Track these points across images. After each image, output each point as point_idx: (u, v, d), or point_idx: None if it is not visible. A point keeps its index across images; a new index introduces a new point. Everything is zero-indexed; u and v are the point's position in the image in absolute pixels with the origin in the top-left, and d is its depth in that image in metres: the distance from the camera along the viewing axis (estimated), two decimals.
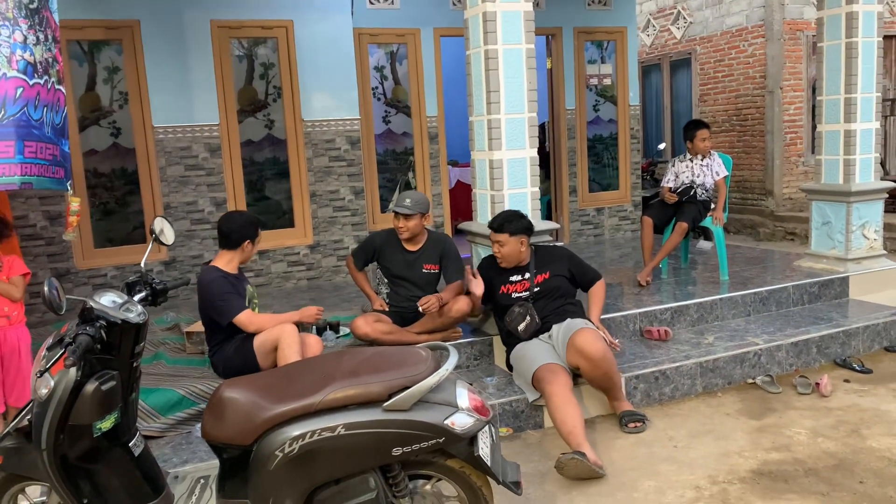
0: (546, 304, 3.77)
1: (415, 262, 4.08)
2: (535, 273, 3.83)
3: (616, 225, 7.61)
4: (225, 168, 5.77)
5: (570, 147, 7.31)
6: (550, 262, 3.87)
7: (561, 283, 3.83)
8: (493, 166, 4.26)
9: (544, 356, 3.51)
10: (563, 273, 3.86)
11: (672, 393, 4.00)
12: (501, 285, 3.87)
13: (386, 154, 6.61)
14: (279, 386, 2.41)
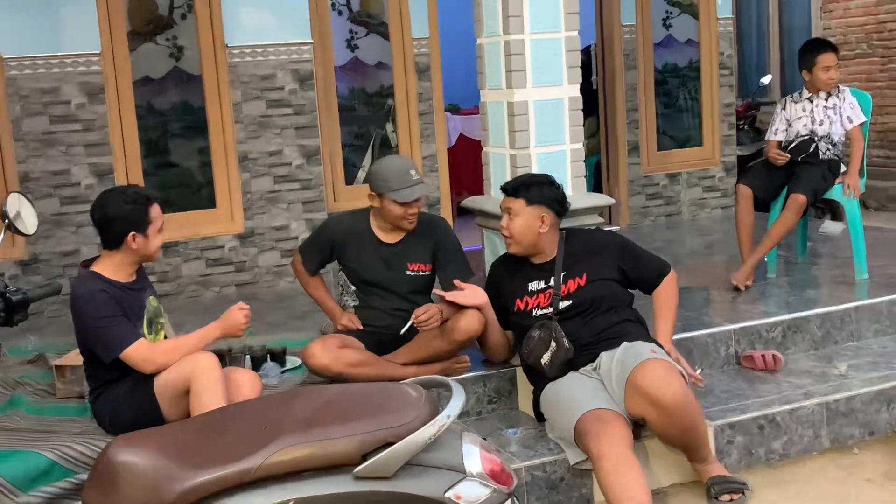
0: (584, 324, 3.76)
1: (395, 260, 4.11)
2: (565, 276, 3.82)
3: (699, 199, 7.63)
4: (110, 120, 5.77)
5: (629, 83, 7.33)
6: (588, 257, 3.85)
7: (605, 291, 3.80)
8: (513, 112, 4.28)
9: (590, 399, 3.53)
10: (609, 274, 3.84)
11: (785, 449, 4.03)
12: (516, 298, 3.89)
13: (353, 96, 6.62)
14: (199, 443, 2.43)
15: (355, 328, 4.12)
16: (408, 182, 3.95)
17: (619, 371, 3.53)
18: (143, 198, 3.51)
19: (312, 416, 2.44)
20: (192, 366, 3.38)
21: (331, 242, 4.13)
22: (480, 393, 4.17)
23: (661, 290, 3.93)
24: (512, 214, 3.82)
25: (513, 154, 4.30)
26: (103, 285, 3.47)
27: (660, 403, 3.35)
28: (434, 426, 2.40)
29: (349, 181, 6.54)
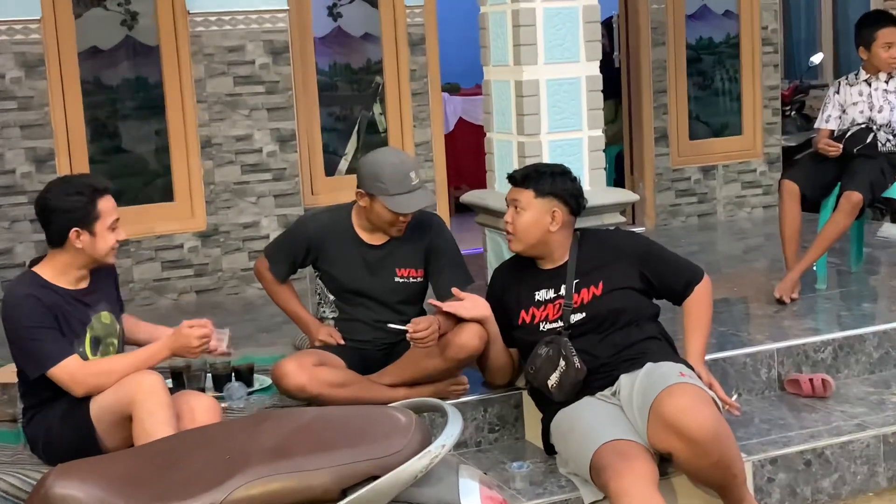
0: (600, 341, 3.75)
1: (381, 265, 4.11)
2: (578, 284, 3.81)
3: (737, 196, 7.64)
4: (51, 98, 5.77)
5: (657, 60, 7.34)
6: (606, 262, 3.84)
7: (625, 302, 3.79)
8: (521, 93, 4.29)
9: (609, 428, 3.52)
10: (630, 282, 3.82)
11: (836, 488, 4.03)
12: (521, 310, 3.89)
13: (335, 72, 6.61)
14: (151, 475, 2.43)
15: (334, 343, 4.11)
16: (406, 187, 3.93)
17: (641, 397, 3.53)
18: (89, 188, 3.49)
19: (283, 444, 2.43)
20: (132, 387, 3.35)
21: (305, 244, 4.11)
22: (480, 420, 4.16)
23: (692, 300, 3.90)
24: (518, 207, 3.81)
25: (521, 141, 4.31)
26: (38, 290, 3.45)
27: (688, 436, 3.35)
28: (426, 457, 2.39)
29: (329, 172, 6.54)
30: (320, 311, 4.26)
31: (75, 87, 5.83)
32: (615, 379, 3.70)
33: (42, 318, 3.41)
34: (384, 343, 4.14)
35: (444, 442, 2.41)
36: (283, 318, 4.49)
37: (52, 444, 3.54)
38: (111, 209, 3.52)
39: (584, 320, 3.77)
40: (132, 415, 3.32)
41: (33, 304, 3.41)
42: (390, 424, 2.48)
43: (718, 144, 7.59)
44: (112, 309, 3.67)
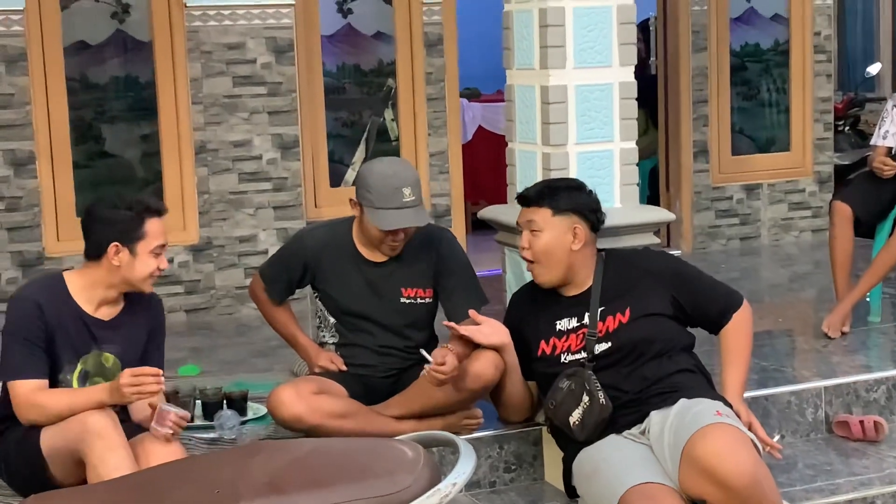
0: (627, 374, 3.73)
1: (385, 284, 4.11)
2: (603, 311, 3.80)
3: (783, 219, 7.63)
4: (33, 96, 5.80)
5: (698, 67, 7.34)
6: (633, 285, 3.82)
7: (655, 330, 3.78)
8: (547, 99, 4.29)
9: (638, 470, 3.49)
10: (661, 308, 3.81)
11: None
12: (541, 340, 3.88)
13: (343, 74, 6.62)
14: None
15: (336, 370, 4.12)
16: (395, 202, 3.90)
17: (673, 437, 3.51)
18: (141, 205, 3.54)
19: (277, 478, 2.43)
20: (78, 430, 3.32)
21: (302, 262, 4.12)
22: (495, 458, 4.14)
23: (730, 329, 3.86)
24: (535, 229, 3.81)
25: (546, 152, 4.31)
26: (48, 299, 3.49)
27: (724, 482, 3.32)
28: (434, 497, 2.39)
29: (335, 182, 6.56)
30: (320, 335, 4.27)
31: (60, 84, 5.86)
32: (644, 415, 3.67)
33: (33, 330, 3.44)
34: (390, 370, 4.14)
35: (456, 480, 2.41)
36: (280, 341, 4.49)
37: (9, 467, 3.57)
38: (158, 233, 3.54)
39: (609, 351, 3.75)
40: (83, 459, 3.30)
41: (32, 312, 3.45)
42: (396, 459, 2.48)
43: (764, 161, 7.58)
44: (124, 356, 3.60)
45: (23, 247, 5.77)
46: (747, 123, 7.59)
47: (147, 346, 3.68)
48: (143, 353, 3.66)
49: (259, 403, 4.34)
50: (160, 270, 3.54)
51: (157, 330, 3.73)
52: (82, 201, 5.92)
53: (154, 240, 3.53)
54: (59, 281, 3.57)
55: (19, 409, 3.43)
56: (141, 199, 3.61)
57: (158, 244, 3.53)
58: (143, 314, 3.67)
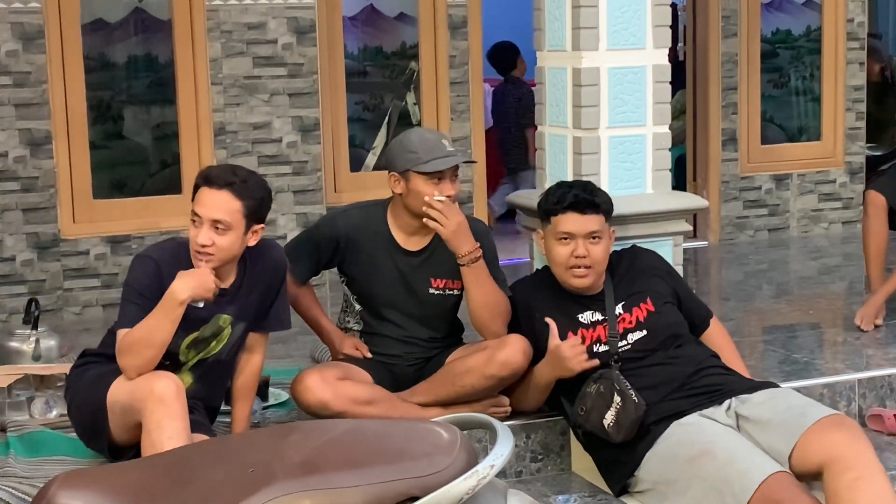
0: (669, 359, 3.84)
1: (416, 274, 4.13)
2: (625, 305, 3.92)
3: (813, 210, 7.63)
4: (50, 74, 5.81)
5: (728, 53, 7.34)
6: (640, 278, 4.02)
7: (680, 317, 3.99)
8: (579, 81, 4.30)
9: (763, 457, 3.53)
10: (671, 298, 4.02)
11: None
12: (567, 331, 3.91)
13: (365, 56, 6.64)
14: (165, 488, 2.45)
15: (361, 356, 4.14)
16: (440, 152, 3.95)
17: (783, 429, 3.58)
18: (202, 174, 3.64)
19: (313, 458, 2.45)
20: (143, 391, 3.39)
21: (334, 241, 4.11)
22: (522, 447, 4.16)
23: (719, 333, 4.16)
24: (597, 237, 3.90)
25: (577, 136, 4.32)
26: (168, 259, 3.59)
27: (845, 465, 3.41)
28: (472, 478, 2.39)
29: (355, 167, 6.57)
30: (344, 320, 4.28)
31: (77, 63, 5.87)
32: (711, 396, 3.76)
33: (146, 284, 3.55)
34: (415, 358, 4.16)
35: (494, 462, 2.42)
36: (300, 326, 4.47)
37: (74, 403, 3.70)
38: (197, 201, 3.57)
39: (646, 339, 3.86)
40: (141, 422, 3.37)
41: (150, 268, 3.58)
42: (432, 441, 2.49)
43: (794, 150, 7.58)
44: (241, 316, 3.70)
45: (38, 228, 5.78)
46: (777, 112, 7.59)
47: (264, 297, 3.78)
48: (261, 303, 3.76)
49: (280, 389, 4.37)
50: (198, 245, 3.53)
51: (273, 284, 3.80)
52: (98, 182, 5.98)
53: (193, 205, 3.58)
54: (181, 247, 3.66)
55: (120, 358, 3.51)
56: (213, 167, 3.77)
57: (193, 210, 3.57)
58: (256, 272, 3.73)
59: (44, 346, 4.84)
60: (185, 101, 6.06)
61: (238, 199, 3.55)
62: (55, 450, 3.90)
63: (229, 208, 3.53)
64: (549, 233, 3.96)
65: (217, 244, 3.53)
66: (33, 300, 4.98)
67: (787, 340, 5.16)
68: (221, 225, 3.53)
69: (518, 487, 4.00)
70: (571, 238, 3.89)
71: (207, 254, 3.53)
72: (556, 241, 3.92)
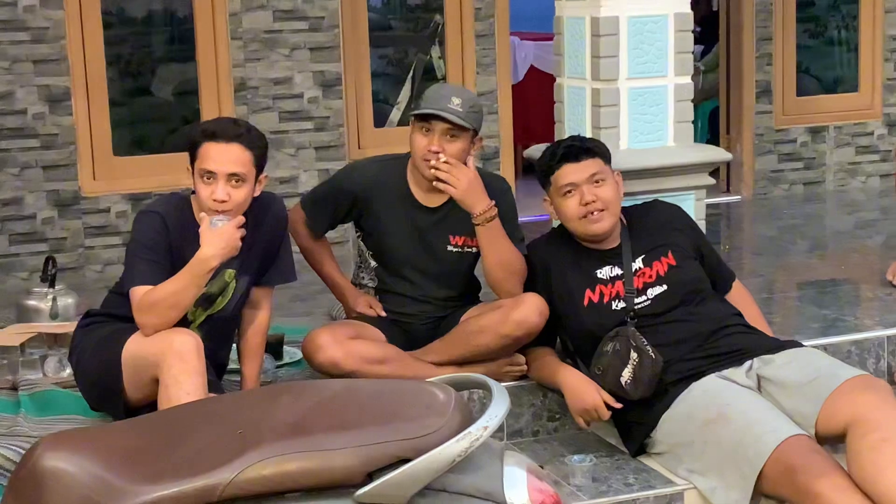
0: (689, 315, 3.83)
1: (434, 231, 4.09)
2: (645, 258, 3.90)
3: (850, 163, 7.53)
4: (68, 30, 5.80)
5: (762, 3, 7.23)
6: (660, 232, 3.99)
7: (702, 272, 3.97)
8: (598, 31, 4.25)
9: (781, 420, 3.51)
10: (693, 254, 4.01)
11: None
12: (585, 288, 3.90)
13: (388, 9, 6.61)
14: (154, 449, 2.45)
15: (375, 315, 4.11)
16: (438, 105, 3.88)
17: (811, 390, 3.56)
18: (202, 130, 3.59)
19: (303, 419, 2.45)
20: (162, 346, 3.40)
21: (352, 195, 4.08)
22: (538, 406, 4.14)
23: (743, 294, 4.12)
24: (599, 179, 3.86)
25: (595, 88, 4.29)
26: (172, 213, 3.61)
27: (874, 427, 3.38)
28: (465, 440, 2.38)
29: (379, 122, 6.53)
30: (359, 275, 4.26)
31: (95, 18, 5.84)
32: (732, 355, 3.75)
33: (154, 240, 3.56)
34: (430, 317, 4.14)
35: (487, 423, 2.40)
36: (320, 285, 4.49)
37: (81, 363, 3.69)
38: (205, 157, 3.53)
39: (666, 294, 3.85)
40: (158, 377, 3.37)
41: (156, 223, 3.58)
42: (425, 401, 2.48)
43: (830, 102, 7.49)
44: (243, 269, 3.70)
45: (59, 185, 5.78)
46: (813, 62, 7.49)
47: (266, 250, 3.77)
48: (264, 256, 3.76)
49: (295, 348, 4.35)
50: (215, 201, 3.50)
51: (275, 236, 3.80)
52: (118, 139, 5.98)
53: (201, 163, 3.54)
54: (184, 201, 3.66)
55: (137, 316, 3.50)
56: (213, 122, 3.71)
57: (204, 168, 3.53)
58: (259, 224, 3.69)
59: (61, 304, 4.83)
60: (205, 57, 6.03)
61: (248, 150, 3.57)
62: (65, 409, 3.91)
63: (243, 160, 3.54)
64: (554, 193, 3.93)
65: (233, 198, 3.52)
66: (50, 258, 4.98)
67: (818, 296, 5.13)
68: (238, 178, 3.53)
69: (534, 447, 4.05)
70: (575, 188, 3.85)
71: (226, 210, 3.50)
72: (562, 198, 3.89)
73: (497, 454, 2.51)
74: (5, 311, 5.03)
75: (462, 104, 3.90)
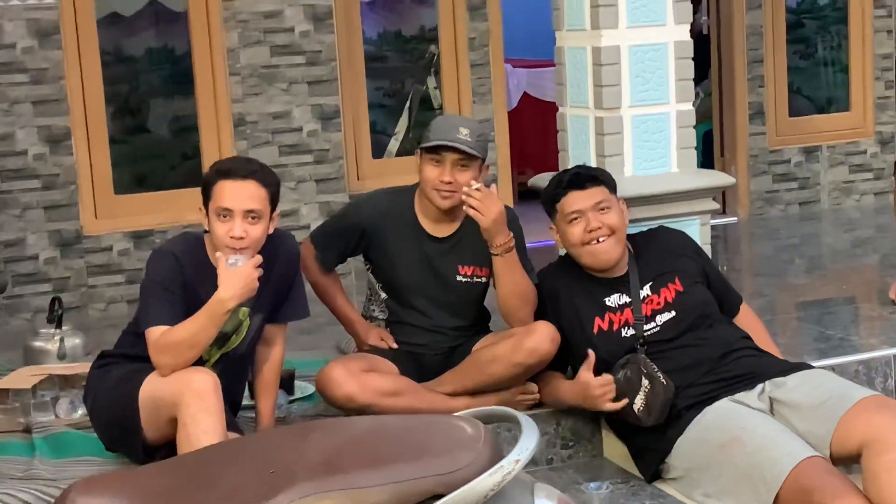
0: (699, 341, 3.84)
1: (443, 260, 4.10)
2: (652, 286, 3.93)
3: (844, 182, 7.57)
4: (67, 70, 5.81)
5: (753, 25, 7.29)
6: (666, 259, 4.02)
7: (709, 297, 4.00)
8: (600, 60, 4.27)
9: (795, 442, 3.49)
10: (701, 278, 4.04)
11: None
12: (594, 316, 3.93)
13: (384, 42, 6.61)
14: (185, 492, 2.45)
15: (387, 347, 4.12)
16: (448, 136, 3.91)
17: (824, 411, 3.56)
18: (217, 169, 3.61)
19: (335, 457, 2.44)
20: (180, 385, 3.40)
21: (360, 228, 4.09)
22: (552, 434, 4.15)
23: (750, 317, 4.16)
24: (604, 207, 3.90)
25: (599, 117, 4.30)
26: (186, 254, 3.61)
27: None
28: (497, 474, 2.38)
29: (377, 153, 6.55)
30: (369, 308, 4.27)
31: (94, 58, 5.86)
32: (744, 379, 3.75)
33: (170, 279, 3.55)
34: (441, 347, 4.14)
35: (519, 456, 2.40)
36: (327, 317, 4.49)
37: (97, 403, 3.68)
38: (221, 195, 3.53)
39: (675, 320, 3.87)
40: (177, 417, 3.36)
41: (171, 263, 3.58)
42: (455, 437, 2.48)
43: (823, 122, 7.54)
44: (257, 307, 3.68)
45: (60, 225, 5.79)
46: (805, 83, 7.55)
47: (279, 287, 3.76)
48: (277, 293, 3.75)
49: (306, 382, 4.35)
50: (232, 239, 3.50)
51: (288, 273, 3.79)
52: (119, 177, 5.98)
53: (216, 202, 3.54)
54: (198, 241, 3.67)
55: (154, 356, 3.49)
56: (228, 162, 3.75)
57: (220, 206, 3.53)
58: (272, 261, 3.67)
59: (68, 344, 4.84)
60: (204, 93, 6.06)
61: (264, 187, 3.58)
62: (81, 451, 3.89)
63: (259, 196, 3.55)
64: (560, 220, 3.97)
65: (250, 235, 3.53)
66: (56, 299, 4.97)
67: (822, 316, 5.14)
68: (254, 214, 3.53)
69: (549, 475, 4.03)
70: (581, 215, 3.89)
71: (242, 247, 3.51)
72: (568, 225, 3.93)
73: (528, 487, 2.51)
74: (11, 353, 5.02)
75: (470, 134, 3.94)
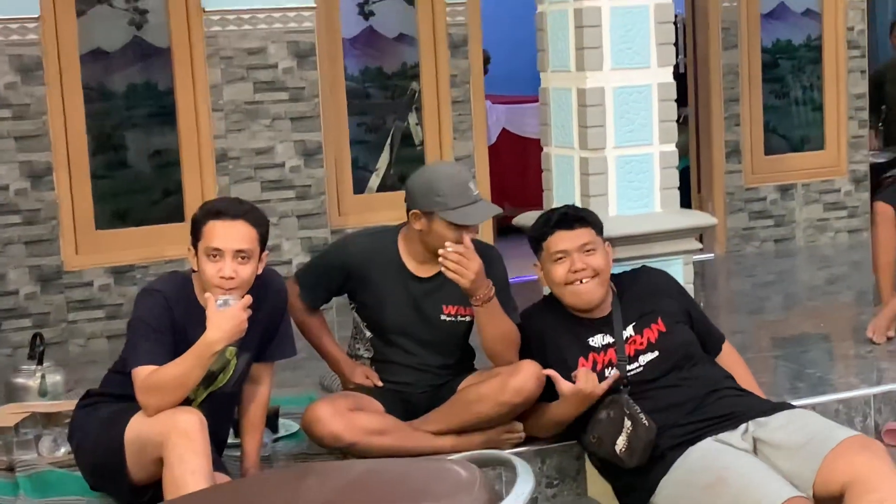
0: (681, 381, 3.84)
1: (428, 301, 4.11)
2: (636, 326, 3.93)
3: (818, 219, 7.63)
4: (50, 105, 5.81)
5: (729, 65, 7.36)
6: (649, 299, 4.02)
7: (692, 337, 3.99)
8: (584, 102, 4.30)
9: (779, 482, 3.48)
10: (683, 318, 4.03)
11: None
12: (578, 357, 3.92)
13: (366, 78, 6.62)
14: None
15: (372, 385, 4.12)
16: (468, 198, 3.92)
17: (807, 452, 3.55)
18: (207, 210, 3.61)
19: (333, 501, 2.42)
20: (167, 425, 3.38)
21: (346, 269, 4.10)
22: (537, 473, 4.10)
23: (733, 356, 4.15)
24: (590, 249, 3.90)
25: (583, 157, 4.33)
26: (174, 294, 3.60)
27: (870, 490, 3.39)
28: None
29: (359, 189, 6.56)
30: (354, 346, 4.26)
31: (77, 93, 5.86)
32: (727, 420, 3.74)
33: (158, 318, 3.54)
34: (427, 385, 4.14)
35: (516, 500, 2.40)
36: (308, 353, 4.47)
37: (83, 444, 3.65)
38: (211, 235, 3.53)
39: (658, 360, 3.87)
40: (163, 457, 3.34)
41: (159, 302, 3.57)
42: (451, 480, 2.46)
43: (798, 160, 7.58)
44: (244, 346, 3.67)
45: (41, 261, 5.76)
46: (780, 122, 7.59)
47: (267, 326, 3.75)
48: (264, 332, 3.74)
49: (290, 420, 4.34)
50: (222, 279, 3.50)
51: (276, 312, 3.79)
52: (101, 213, 5.96)
53: (205, 241, 3.54)
54: (186, 281, 3.67)
55: (141, 396, 3.47)
56: (220, 202, 3.75)
57: (210, 246, 3.53)
58: (260, 301, 3.64)
59: (50, 381, 4.79)
60: (186, 129, 6.06)
61: (254, 227, 3.59)
62: (65, 490, 3.87)
63: (249, 236, 3.55)
64: (545, 259, 3.96)
65: (240, 275, 3.53)
66: (38, 335, 4.94)
67: (800, 355, 5.16)
68: (244, 254, 3.53)
69: None
70: (566, 255, 3.89)
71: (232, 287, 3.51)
72: (553, 264, 3.92)
73: None
74: None
75: (474, 185, 4.00)
